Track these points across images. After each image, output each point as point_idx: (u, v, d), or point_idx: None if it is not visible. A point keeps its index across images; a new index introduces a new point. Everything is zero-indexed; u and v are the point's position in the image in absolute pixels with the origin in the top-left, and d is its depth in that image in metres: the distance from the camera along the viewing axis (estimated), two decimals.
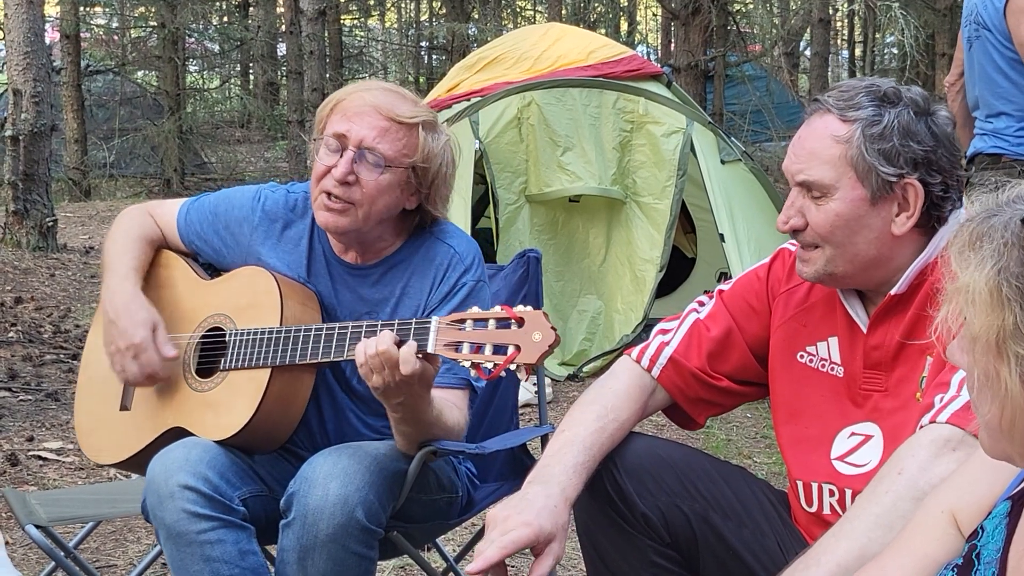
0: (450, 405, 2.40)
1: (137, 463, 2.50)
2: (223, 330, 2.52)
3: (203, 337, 2.55)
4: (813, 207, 2.04)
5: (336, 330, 2.36)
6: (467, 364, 2.15)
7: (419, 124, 2.48)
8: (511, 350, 2.11)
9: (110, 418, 2.61)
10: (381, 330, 2.24)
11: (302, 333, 2.39)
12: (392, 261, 2.55)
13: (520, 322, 2.13)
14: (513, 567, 3.42)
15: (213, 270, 2.67)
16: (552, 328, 2.12)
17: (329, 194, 2.45)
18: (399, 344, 2.20)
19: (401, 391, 2.23)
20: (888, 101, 2.02)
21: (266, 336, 2.43)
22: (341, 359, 2.36)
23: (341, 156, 2.44)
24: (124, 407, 2.60)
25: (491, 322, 2.15)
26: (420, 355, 2.19)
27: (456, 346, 2.16)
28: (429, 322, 2.20)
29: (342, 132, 2.45)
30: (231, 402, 2.43)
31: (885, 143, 1.99)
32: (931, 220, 2.03)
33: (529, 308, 2.16)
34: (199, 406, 2.48)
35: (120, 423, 2.59)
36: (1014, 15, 3.98)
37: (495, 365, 2.12)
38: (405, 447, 2.39)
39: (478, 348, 2.14)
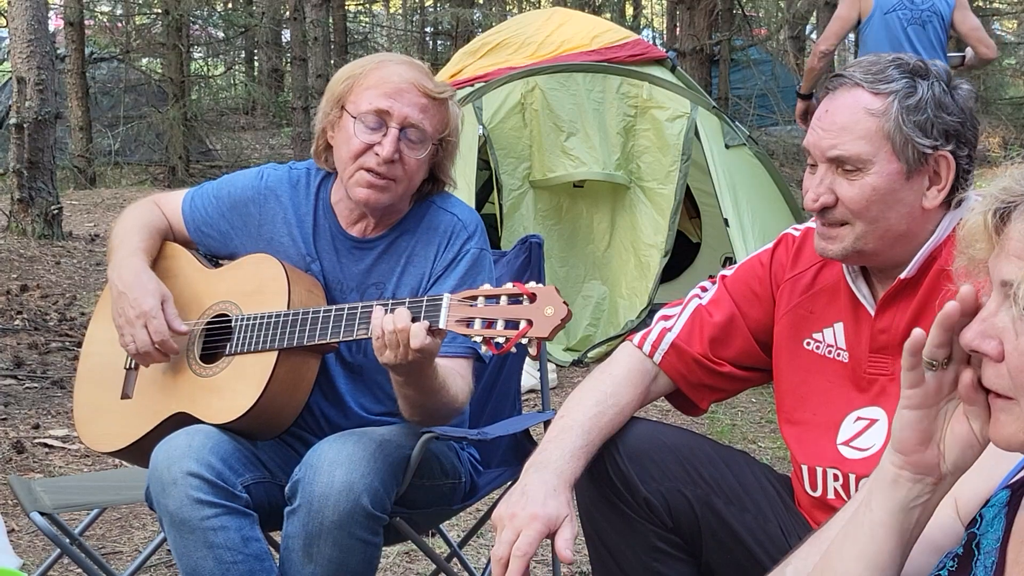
0: (454, 374, 2.40)
1: (139, 451, 2.49)
2: (228, 316, 2.52)
3: (208, 324, 2.55)
4: (845, 183, 2.02)
5: (345, 311, 2.37)
6: (478, 339, 2.15)
7: (448, 99, 2.51)
8: (523, 324, 2.12)
9: (111, 407, 2.61)
10: (394, 308, 2.24)
11: (309, 315, 2.40)
12: (397, 231, 2.56)
13: (532, 297, 2.13)
14: None
15: (217, 263, 2.67)
16: (564, 303, 2.13)
17: (371, 171, 2.45)
18: (414, 322, 2.21)
19: (409, 367, 2.25)
20: (919, 74, 2.02)
21: (273, 319, 2.43)
22: (350, 339, 2.36)
23: (385, 134, 2.44)
24: (125, 395, 2.60)
25: (503, 298, 2.15)
26: (431, 333, 2.20)
27: (468, 322, 2.17)
28: (441, 299, 2.20)
29: (384, 108, 2.44)
30: (237, 385, 2.43)
31: (920, 115, 1.99)
32: (955, 194, 2.03)
33: (541, 285, 2.16)
34: (204, 391, 2.48)
35: (121, 411, 2.59)
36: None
37: (507, 340, 2.12)
38: (409, 413, 2.40)
39: (490, 324, 2.14)
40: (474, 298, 2.18)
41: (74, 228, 9.25)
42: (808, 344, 2.18)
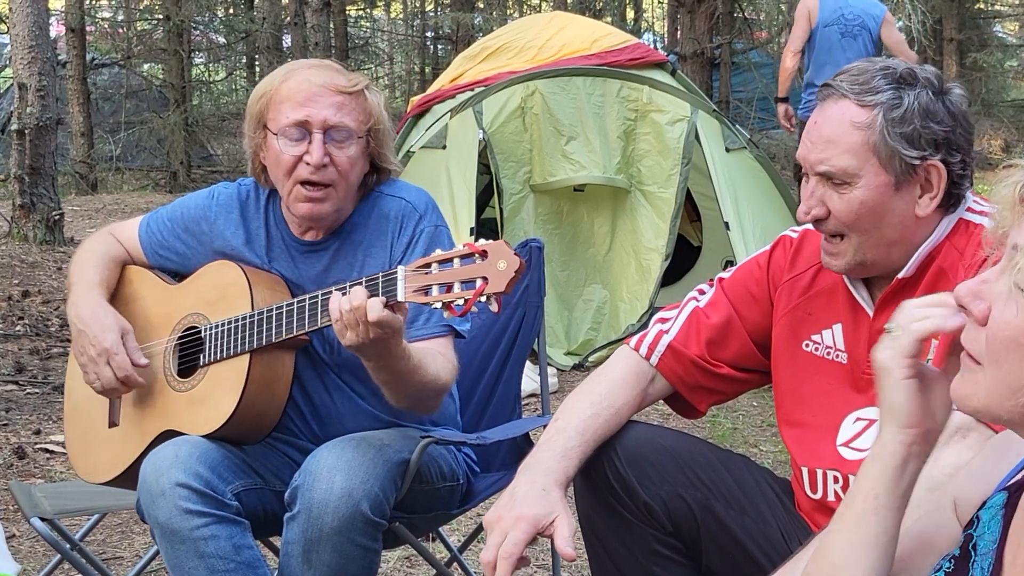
0: (432, 353, 2.40)
1: (134, 476, 2.47)
2: (198, 328, 2.53)
3: (180, 339, 2.56)
4: (835, 196, 2.02)
5: (307, 301, 2.37)
6: (439, 306, 2.15)
7: (363, 89, 2.50)
8: (479, 283, 2.11)
9: (100, 437, 2.62)
10: (351, 288, 2.24)
11: (273, 312, 2.40)
12: (348, 228, 2.55)
13: (483, 255, 2.13)
14: None
15: (182, 278, 2.68)
16: (516, 254, 2.12)
17: (306, 183, 2.45)
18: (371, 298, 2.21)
19: (375, 346, 2.24)
20: (906, 83, 2.00)
21: (239, 323, 2.44)
22: (316, 327, 2.36)
23: (310, 141, 2.44)
24: (112, 423, 2.61)
25: (456, 260, 2.15)
26: (388, 306, 2.19)
27: (425, 290, 2.16)
28: (395, 272, 2.20)
29: (302, 118, 2.44)
30: (215, 394, 2.44)
31: (907, 126, 1.97)
32: (951, 199, 2.03)
33: (491, 241, 2.16)
34: (185, 405, 2.49)
35: (111, 439, 2.60)
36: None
37: (465, 301, 2.12)
38: (395, 400, 2.40)
39: (448, 288, 2.14)
40: (428, 265, 2.18)
41: (76, 234, 9.25)
42: (807, 346, 2.17)
